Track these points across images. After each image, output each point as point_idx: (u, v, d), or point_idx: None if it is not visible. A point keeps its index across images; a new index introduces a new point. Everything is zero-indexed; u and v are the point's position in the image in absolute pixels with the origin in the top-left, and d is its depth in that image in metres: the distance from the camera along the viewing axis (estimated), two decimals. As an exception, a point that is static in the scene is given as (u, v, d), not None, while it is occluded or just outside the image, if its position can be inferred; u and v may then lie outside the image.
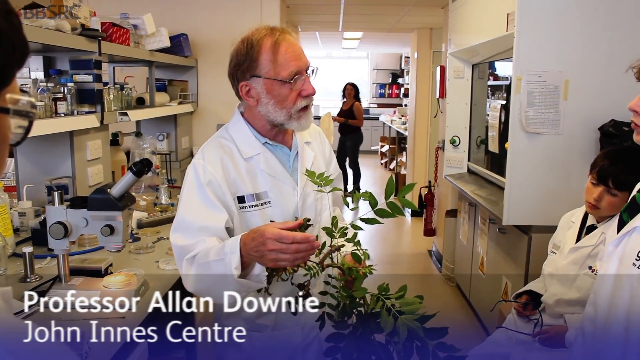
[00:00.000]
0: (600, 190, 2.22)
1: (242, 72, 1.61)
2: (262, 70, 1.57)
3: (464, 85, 4.48)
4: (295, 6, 5.82)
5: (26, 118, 0.68)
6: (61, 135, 2.65)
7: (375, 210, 1.45)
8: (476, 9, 3.95)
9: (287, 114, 1.60)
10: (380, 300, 1.38)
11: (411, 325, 1.28)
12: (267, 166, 1.65)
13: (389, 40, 10.60)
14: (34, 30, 2.22)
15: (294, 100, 1.59)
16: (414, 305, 1.34)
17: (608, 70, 2.85)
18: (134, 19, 3.45)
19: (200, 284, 1.53)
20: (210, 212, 1.56)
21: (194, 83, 4.66)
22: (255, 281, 1.46)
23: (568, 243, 2.39)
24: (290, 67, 1.56)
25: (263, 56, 1.56)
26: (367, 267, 1.51)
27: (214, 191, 1.58)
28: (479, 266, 4.06)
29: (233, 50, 1.63)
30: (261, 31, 1.58)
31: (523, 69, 2.88)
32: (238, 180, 1.62)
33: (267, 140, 1.67)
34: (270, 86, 1.58)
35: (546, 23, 2.86)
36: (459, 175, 4.45)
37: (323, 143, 1.87)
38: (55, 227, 1.76)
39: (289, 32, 1.61)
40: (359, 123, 8.83)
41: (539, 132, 2.93)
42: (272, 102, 1.60)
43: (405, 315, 1.31)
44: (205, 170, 1.60)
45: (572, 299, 2.30)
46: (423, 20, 6.82)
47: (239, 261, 1.42)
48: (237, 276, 1.42)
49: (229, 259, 1.43)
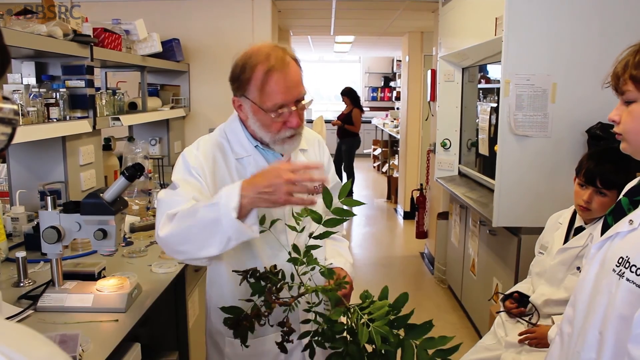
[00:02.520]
0: (589, 192, 2.25)
1: (235, 88, 1.63)
2: (250, 95, 1.59)
3: (455, 88, 4.52)
4: (286, 11, 5.85)
5: (9, 125, 0.69)
6: (54, 141, 2.66)
7: (324, 223, 1.46)
8: (466, 13, 4.00)
9: (271, 138, 1.62)
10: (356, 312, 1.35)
11: (382, 332, 1.27)
12: (256, 168, 1.65)
13: (381, 44, 10.66)
14: (26, 36, 2.23)
15: (278, 129, 1.60)
16: (382, 310, 1.30)
17: (595, 73, 2.88)
18: (125, 25, 3.47)
19: (179, 231, 1.46)
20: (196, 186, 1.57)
21: (186, 88, 4.68)
22: (249, 225, 1.41)
23: (556, 244, 2.42)
24: (275, 99, 1.55)
25: (253, 82, 1.56)
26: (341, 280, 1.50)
27: (202, 176, 1.60)
28: (470, 268, 4.10)
29: (234, 60, 1.62)
30: (260, 54, 1.57)
31: (512, 73, 2.92)
32: (227, 178, 1.63)
33: (259, 144, 1.69)
34: (256, 111, 1.59)
35: (534, 27, 2.90)
36: (450, 178, 4.49)
37: (322, 151, 1.88)
38: (49, 231, 1.77)
39: (289, 59, 1.59)
40: (355, 129, 8.94)
41: (527, 134, 2.96)
42: (258, 124, 1.62)
43: (376, 322, 1.28)
44: (196, 157, 1.62)
45: (561, 298, 2.32)
46: (414, 24, 6.87)
47: (239, 202, 1.38)
48: (235, 216, 1.37)
49: (225, 201, 1.39)
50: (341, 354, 1.34)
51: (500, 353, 2.45)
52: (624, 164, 2.21)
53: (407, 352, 1.27)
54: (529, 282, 2.53)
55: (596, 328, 1.17)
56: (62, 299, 1.81)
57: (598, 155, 2.31)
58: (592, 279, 1.25)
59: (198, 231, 1.44)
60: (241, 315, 1.43)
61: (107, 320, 1.74)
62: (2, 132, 0.69)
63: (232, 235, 1.41)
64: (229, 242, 1.42)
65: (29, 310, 1.77)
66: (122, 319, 1.75)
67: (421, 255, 6.13)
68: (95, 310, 1.79)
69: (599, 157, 2.29)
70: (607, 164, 2.24)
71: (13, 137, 0.70)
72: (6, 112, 0.68)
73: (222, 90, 4.58)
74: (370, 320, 1.29)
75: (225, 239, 1.41)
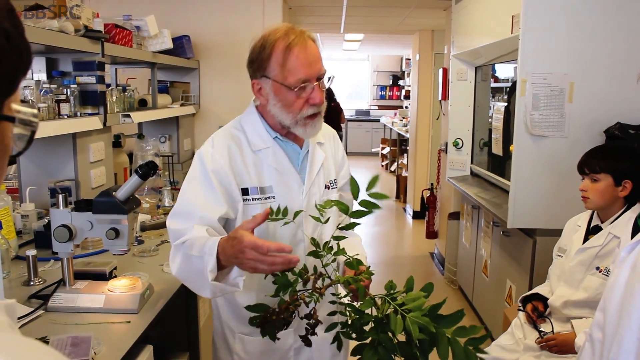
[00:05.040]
0: (584, 182, 2.36)
1: (254, 70, 1.59)
2: (271, 73, 1.54)
3: (467, 87, 4.47)
4: (297, 8, 5.81)
5: (29, 127, 0.67)
6: (64, 137, 2.63)
7: (351, 214, 1.43)
8: (480, 10, 3.94)
9: (293, 118, 1.58)
10: (387, 302, 1.34)
11: (420, 322, 1.25)
12: (274, 161, 1.63)
13: (390, 42, 10.60)
14: (38, 32, 2.20)
15: (300, 107, 1.56)
16: (419, 301, 1.30)
17: (614, 72, 2.84)
18: (136, 21, 3.44)
19: (182, 273, 1.53)
20: (209, 202, 1.55)
21: (196, 85, 4.64)
22: (230, 285, 1.44)
23: (575, 245, 2.39)
24: (298, 74, 1.52)
25: (273, 59, 1.53)
26: (366, 271, 1.47)
27: (219, 180, 1.57)
28: (482, 269, 4.04)
29: (251, 46, 1.59)
30: (278, 32, 1.54)
31: (528, 72, 2.87)
32: (244, 171, 1.60)
33: (278, 135, 1.66)
34: (278, 90, 1.55)
35: (552, 25, 2.84)
36: (462, 178, 4.44)
37: (337, 146, 1.85)
38: (60, 230, 1.74)
39: (307, 37, 1.56)
40: None
41: (544, 134, 2.91)
42: (279, 105, 1.57)
43: (413, 313, 1.27)
44: (213, 157, 1.59)
45: (580, 299, 2.29)
46: (425, 22, 6.82)
47: (215, 264, 1.40)
48: (211, 279, 1.40)
49: (206, 259, 1.40)
50: (372, 344, 1.32)
51: (517, 356, 2.41)
52: (615, 152, 2.41)
53: (442, 341, 1.25)
54: (548, 286, 2.49)
55: (634, 334, 1.12)
56: (73, 299, 1.78)
57: (591, 149, 2.46)
58: (623, 283, 1.21)
59: (193, 277, 1.49)
60: (268, 312, 1.40)
61: (119, 322, 1.70)
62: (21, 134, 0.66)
63: (217, 292, 1.47)
64: (216, 294, 1.49)
65: (39, 310, 1.74)
66: (135, 320, 1.72)
67: (431, 255, 6.08)
68: (107, 311, 1.76)
69: (591, 150, 2.45)
70: (594, 152, 2.41)
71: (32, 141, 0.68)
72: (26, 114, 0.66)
73: (232, 88, 4.61)
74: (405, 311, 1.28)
75: (212, 292, 1.46)
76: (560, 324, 2.35)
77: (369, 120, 14.21)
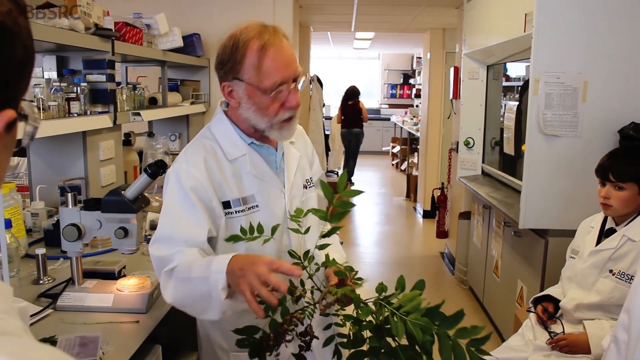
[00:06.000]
0: (607, 188, 2.27)
1: (225, 72, 1.50)
2: (244, 75, 1.46)
3: (479, 86, 4.43)
4: (308, 6, 5.79)
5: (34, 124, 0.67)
6: (74, 136, 2.63)
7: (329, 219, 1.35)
8: (492, 9, 3.91)
9: (268, 122, 1.51)
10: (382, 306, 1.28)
11: (421, 324, 1.22)
12: (253, 168, 1.56)
13: (401, 41, 10.56)
14: (48, 30, 2.20)
15: (276, 111, 1.49)
16: (416, 301, 1.26)
17: (628, 71, 2.80)
18: (147, 19, 3.43)
19: (181, 298, 1.43)
20: (191, 224, 1.46)
21: (206, 83, 4.64)
22: (242, 301, 1.31)
23: (587, 247, 2.36)
24: (274, 77, 1.44)
25: (247, 60, 1.45)
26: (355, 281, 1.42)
27: (199, 197, 1.48)
28: (493, 269, 4.01)
29: (219, 45, 1.50)
30: (250, 31, 1.46)
31: (541, 70, 2.83)
32: (223, 184, 1.52)
33: (254, 141, 1.59)
34: (252, 93, 1.47)
35: (565, 23, 2.80)
36: (473, 177, 4.41)
37: (306, 143, 1.79)
38: (69, 229, 1.73)
39: (281, 35, 1.48)
40: None
41: (557, 134, 2.88)
42: (253, 109, 1.50)
43: (412, 314, 1.23)
44: (189, 174, 1.49)
45: (592, 302, 2.26)
46: (436, 20, 6.78)
47: (226, 282, 1.31)
48: (224, 297, 1.31)
49: (214, 278, 1.31)
50: (373, 351, 1.28)
51: (526, 355, 2.39)
52: (636, 156, 2.30)
53: (444, 342, 1.22)
54: (560, 287, 2.46)
55: None
56: (82, 298, 1.78)
57: (613, 152, 2.38)
58: None
59: (195, 300, 1.40)
60: (263, 339, 1.32)
61: (128, 322, 1.70)
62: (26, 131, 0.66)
63: (227, 310, 1.37)
64: (226, 313, 1.38)
65: (48, 309, 1.74)
66: (143, 320, 1.71)
67: (441, 255, 6.05)
68: (116, 311, 1.75)
69: (613, 153, 2.36)
70: (618, 158, 2.30)
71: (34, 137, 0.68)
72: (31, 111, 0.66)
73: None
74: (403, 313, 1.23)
75: (221, 311, 1.37)
76: (572, 325, 2.31)
77: (379, 119, 14.18)
